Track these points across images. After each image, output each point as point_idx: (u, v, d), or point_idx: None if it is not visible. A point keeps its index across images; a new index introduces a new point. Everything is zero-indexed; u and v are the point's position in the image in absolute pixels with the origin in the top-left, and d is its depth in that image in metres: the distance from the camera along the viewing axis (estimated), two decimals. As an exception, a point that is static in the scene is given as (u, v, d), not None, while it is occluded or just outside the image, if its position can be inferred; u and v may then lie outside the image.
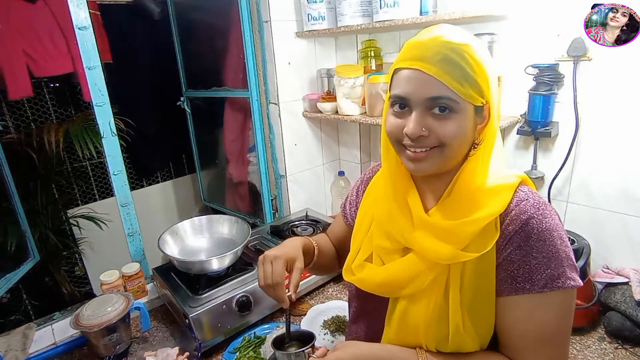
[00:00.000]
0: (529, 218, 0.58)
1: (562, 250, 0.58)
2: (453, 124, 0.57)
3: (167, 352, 1.02)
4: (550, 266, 0.57)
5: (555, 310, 0.59)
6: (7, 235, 1.65)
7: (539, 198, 0.61)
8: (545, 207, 0.60)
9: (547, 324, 0.59)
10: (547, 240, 0.58)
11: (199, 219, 1.42)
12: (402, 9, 1.25)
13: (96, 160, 2.58)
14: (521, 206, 0.59)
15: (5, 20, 1.84)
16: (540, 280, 0.57)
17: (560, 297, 0.58)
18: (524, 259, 0.58)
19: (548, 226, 0.58)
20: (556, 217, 0.60)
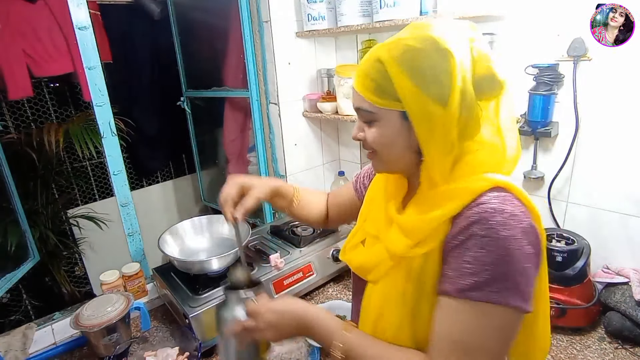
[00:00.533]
0: (473, 222, 0.56)
1: (503, 265, 0.54)
2: (375, 132, 0.64)
3: (167, 352, 1.02)
4: (482, 275, 0.54)
5: (473, 322, 0.55)
6: (7, 235, 1.65)
7: (500, 205, 0.55)
8: (501, 215, 0.55)
9: (465, 334, 0.56)
10: (487, 248, 0.54)
11: (199, 219, 1.42)
12: (402, 9, 1.25)
13: (96, 160, 2.58)
14: (473, 210, 0.57)
15: (5, 20, 1.84)
16: (465, 286, 0.55)
17: (487, 311, 0.55)
18: (457, 261, 0.57)
19: (492, 234, 0.54)
20: (516, 229, 0.54)
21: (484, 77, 0.59)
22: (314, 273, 1.31)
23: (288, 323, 0.69)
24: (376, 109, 0.62)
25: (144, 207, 2.55)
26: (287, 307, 0.70)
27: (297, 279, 1.27)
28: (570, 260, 1.10)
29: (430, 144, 0.60)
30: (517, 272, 0.54)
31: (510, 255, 0.54)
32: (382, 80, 0.59)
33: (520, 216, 0.56)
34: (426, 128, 0.59)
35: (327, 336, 0.66)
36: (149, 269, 1.41)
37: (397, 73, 0.58)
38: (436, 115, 0.57)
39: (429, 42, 0.58)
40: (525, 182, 1.32)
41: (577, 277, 1.09)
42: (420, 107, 0.58)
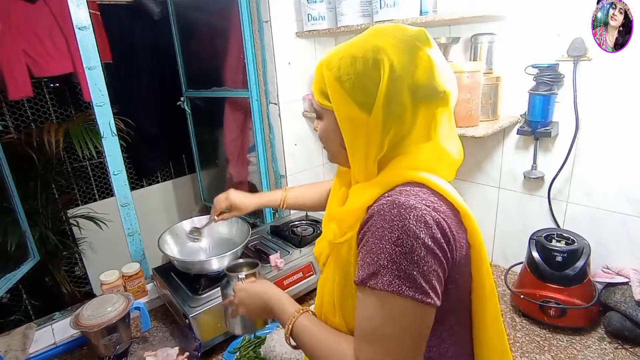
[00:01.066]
0: (374, 213, 0.59)
1: (391, 253, 0.55)
2: (320, 126, 0.71)
3: (167, 352, 1.02)
4: (376, 264, 0.56)
5: (375, 310, 0.57)
6: (7, 235, 1.65)
7: (401, 198, 0.57)
8: (398, 207, 0.56)
9: (368, 320, 0.59)
10: (378, 239, 0.56)
11: (199, 219, 1.42)
12: (402, 9, 1.25)
13: (96, 160, 2.58)
14: (377, 203, 0.60)
15: (5, 20, 1.84)
16: (364, 275, 0.58)
17: (377, 297, 0.56)
18: (363, 251, 0.59)
19: (385, 225, 0.56)
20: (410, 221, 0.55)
21: (424, 85, 0.60)
22: (314, 273, 1.31)
23: (255, 303, 0.80)
24: (318, 107, 0.68)
25: (144, 207, 2.56)
26: (256, 289, 0.81)
27: (297, 279, 1.27)
28: (570, 260, 1.10)
29: (353, 146, 0.64)
30: (410, 263, 0.55)
31: (401, 245, 0.55)
32: (322, 82, 0.65)
33: (421, 208, 0.56)
34: (350, 131, 0.63)
35: (283, 318, 0.73)
36: (149, 269, 1.41)
37: (330, 78, 0.63)
38: (360, 120, 0.61)
39: (366, 50, 0.60)
40: (525, 182, 1.32)
41: (577, 277, 1.09)
42: (345, 111, 0.62)
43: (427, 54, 0.60)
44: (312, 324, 0.69)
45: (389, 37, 0.61)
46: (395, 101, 0.59)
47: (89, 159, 2.54)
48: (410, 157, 0.63)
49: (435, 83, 0.60)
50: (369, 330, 0.58)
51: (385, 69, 0.58)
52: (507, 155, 1.34)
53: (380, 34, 0.62)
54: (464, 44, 1.34)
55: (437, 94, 0.61)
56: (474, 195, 1.46)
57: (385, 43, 0.60)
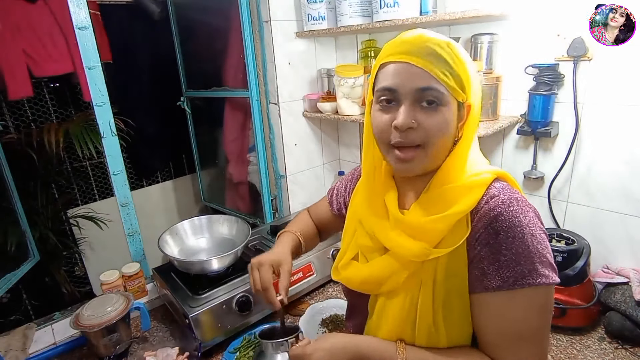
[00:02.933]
0: (498, 215, 0.58)
1: (533, 247, 0.57)
2: (440, 117, 0.59)
3: (167, 352, 1.02)
4: (520, 263, 0.56)
5: (527, 307, 0.58)
6: (7, 235, 1.65)
7: (511, 194, 0.60)
8: (517, 203, 0.58)
9: (520, 321, 0.58)
10: (517, 237, 0.57)
11: (199, 219, 1.42)
12: (402, 9, 1.25)
13: (96, 160, 2.57)
14: (491, 203, 0.59)
15: (5, 20, 1.84)
16: (509, 277, 0.57)
17: (532, 294, 0.57)
18: (493, 255, 0.58)
19: (518, 222, 0.57)
20: (530, 213, 0.59)
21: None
22: (314, 273, 1.31)
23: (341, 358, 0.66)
24: (447, 91, 0.58)
25: (144, 207, 2.55)
26: (335, 342, 0.67)
27: (297, 279, 1.27)
28: (570, 260, 1.10)
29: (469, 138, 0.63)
30: (546, 250, 0.58)
31: (533, 235, 0.57)
32: (452, 62, 0.58)
33: (526, 201, 0.60)
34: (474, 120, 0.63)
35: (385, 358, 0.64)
36: (149, 269, 1.41)
37: (463, 67, 0.59)
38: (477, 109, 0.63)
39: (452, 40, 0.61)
40: (525, 182, 1.32)
41: (577, 277, 1.09)
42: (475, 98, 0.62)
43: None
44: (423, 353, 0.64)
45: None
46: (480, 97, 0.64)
47: (89, 159, 2.54)
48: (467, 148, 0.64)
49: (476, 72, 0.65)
50: (519, 330, 0.58)
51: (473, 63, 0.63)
52: (507, 155, 1.34)
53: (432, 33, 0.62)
54: (464, 44, 1.34)
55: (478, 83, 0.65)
56: (474, 195, 1.46)
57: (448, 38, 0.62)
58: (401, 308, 0.65)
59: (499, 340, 0.60)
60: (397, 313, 0.66)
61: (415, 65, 0.57)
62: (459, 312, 0.62)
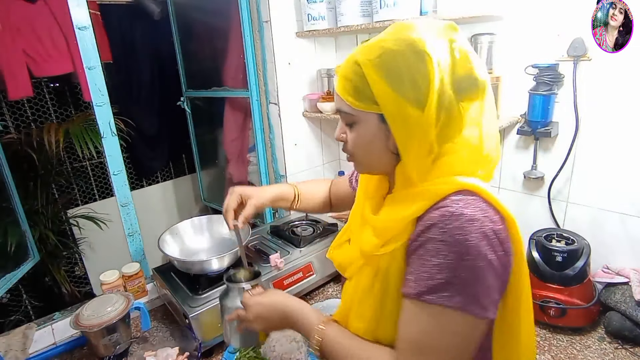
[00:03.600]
0: (432, 225, 0.56)
1: (458, 269, 0.53)
2: (355, 133, 0.65)
3: (167, 352, 1.02)
4: (435, 278, 0.55)
5: (432, 325, 0.56)
6: (7, 235, 1.65)
7: (461, 209, 0.55)
8: (461, 220, 0.54)
9: (422, 334, 0.57)
10: (442, 252, 0.54)
11: (199, 219, 1.42)
12: (402, 9, 1.25)
13: (96, 160, 2.58)
14: (435, 212, 0.57)
15: (5, 20, 1.84)
16: (424, 289, 0.56)
17: (439, 313, 0.55)
18: (416, 264, 0.58)
19: (448, 238, 0.54)
20: (473, 234, 0.53)
21: (464, 78, 0.59)
22: (314, 273, 1.31)
23: (273, 316, 0.75)
24: (355, 112, 0.62)
25: (144, 207, 2.55)
26: (273, 300, 0.76)
27: (297, 279, 1.27)
28: (570, 260, 1.10)
29: (408, 146, 0.60)
30: (473, 278, 0.54)
31: (464, 260, 0.53)
32: (359, 83, 0.60)
33: (482, 220, 0.54)
34: (404, 130, 0.59)
35: (307, 329, 0.70)
36: (149, 269, 1.41)
37: (374, 76, 0.58)
38: (413, 118, 0.57)
39: (406, 44, 0.58)
40: (525, 182, 1.32)
41: (577, 277, 1.09)
42: (397, 110, 0.58)
43: (461, 45, 0.60)
44: (343, 336, 0.67)
45: (425, 31, 0.59)
46: (443, 94, 0.57)
47: (89, 159, 2.54)
48: (453, 158, 0.61)
49: (474, 74, 0.60)
50: (422, 342, 0.57)
51: (431, 62, 0.56)
52: (507, 155, 1.34)
53: (411, 29, 0.59)
54: (464, 44, 1.34)
55: (477, 85, 0.60)
56: (474, 195, 1.46)
57: (422, 36, 0.58)
58: (352, 292, 0.71)
59: (404, 345, 0.59)
60: (349, 296, 0.72)
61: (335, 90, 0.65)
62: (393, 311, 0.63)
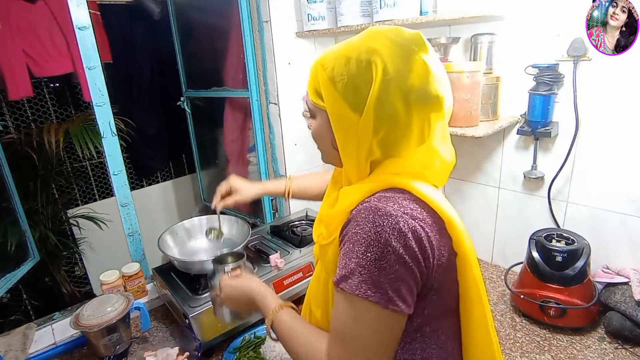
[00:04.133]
0: (351, 219, 0.60)
1: (361, 259, 0.56)
2: (313, 125, 0.71)
3: (167, 352, 1.02)
4: (345, 267, 0.58)
5: (343, 309, 0.60)
6: (7, 235, 1.65)
7: (378, 204, 0.57)
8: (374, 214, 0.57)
9: (337, 319, 0.61)
10: (352, 244, 0.58)
11: (199, 219, 1.42)
12: (402, 9, 1.25)
13: (96, 160, 2.58)
14: (359, 206, 0.60)
15: (5, 20, 1.84)
16: (337, 276, 0.60)
17: (347, 299, 0.58)
18: (340, 254, 0.61)
19: (359, 230, 0.57)
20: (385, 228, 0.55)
21: (419, 89, 0.59)
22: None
23: (241, 298, 0.84)
24: (312, 105, 0.68)
25: (144, 207, 2.55)
26: (242, 284, 0.84)
27: (297, 279, 1.27)
28: (570, 260, 1.10)
29: (345, 146, 0.64)
30: (379, 269, 0.56)
31: (371, 252, 0.56)
32: (315, 80, 0.65)
33: (399, 216, 0.56)
34: (341, 131, 0.63)
35: (265, 312, 0.76)
36: (149, 269, 1.41)
37: (323, 77, 0.63)
38: (351, 121, 0.61)
39: (360, 51, 0.60)
40: (525, 182, 1.32)
41: (577, 277, 1.09)
42: (337, 112, 0.62)
43: (422, 58, 0.60)
44: (291, 319, 0.72)
45: (385, 40, 0.60)
46: (386, 103, 0.58)
47: (89, 159, 2.54)
48: (400, 160, 0.63)
49: (429, 87, 0.60)
50: (341, 329, 0.61)
51: (378, 71, 0.58)
52: (507, 155, 1.34)
53: (375, 36, 0.61)
54: (464, 44, 1.34)
55: (431, 99, 0.60)
56: (474, 196, 1.46)
57: (380, 45, 0.59)
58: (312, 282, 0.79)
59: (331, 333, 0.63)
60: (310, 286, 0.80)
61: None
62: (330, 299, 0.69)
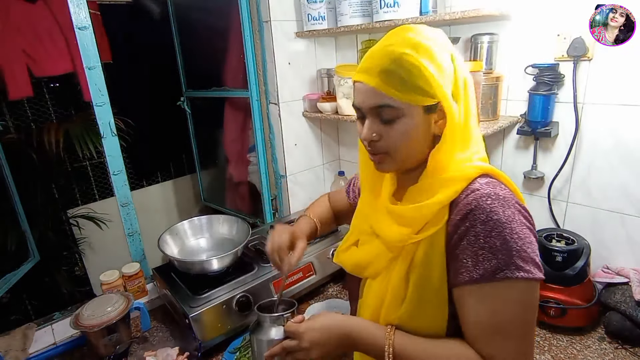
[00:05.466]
0: (474, 209, 0.59)
1: (511, 241, 0.57)
2: (400, 128, 0.63)
3: (167, 352, 1.02)
4: (497, 257, 0.57)
5: (505, 300, 0.58)
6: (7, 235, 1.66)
7: (492, 189, 0.60)
8: (496, 198, 0.59)
9: (498, 313, 0.59)
10: (494, 232, 0.58)
11: (199, 219, 1.42)
12: (402, 9, 1.25)
13: (96, 160, 2.58)
14: (469, 197, 0.60)
15: (5, 20, 1.84)
16: (487, 270, 0.58)
17: (510, 287, 0.58)
18: (471, 248, 0.59)
19: (495, 216, 0.58)
20: (511, 208, 0.59)
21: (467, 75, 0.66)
22: (314, 273, 1.31)
23: (333, 339, 0.68)
24: (402, 105, 0.62)
25: (144, 207, 2.55)
26: (329, 322, 0.69)
27: (297, 279, 1.27)
28: (570, 260, 1.10)
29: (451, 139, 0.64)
30: (526, 245, 0.58)
31: (514, 232, 0.58)
32: (406, 75, 0.60)
33: (510, 198, 0.61)
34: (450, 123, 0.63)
35: (375, 345, 0.66)
36: (149, 269, 1.41)
37: (424, 67, 0.60)
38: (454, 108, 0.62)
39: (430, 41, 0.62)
40: (525, 182, 1.32)
41: (577, 277, 1.09)
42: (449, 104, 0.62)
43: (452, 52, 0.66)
44: (411, 341, 0.65)
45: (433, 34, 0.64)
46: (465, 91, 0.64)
47: (89, 159, 2.54)
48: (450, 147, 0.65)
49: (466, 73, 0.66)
50: (495, 322, 0.59)
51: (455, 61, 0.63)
52: (507, 155, 1.34)
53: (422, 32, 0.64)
54: (464, 44, 1.34)
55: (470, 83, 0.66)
56: (474, 195, 1.46)
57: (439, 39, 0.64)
58: (379, 290, 0.70)
59: (477, 332, 0.60)
60: (377, 293, 0.70)
61: (369, 85, 0.63)
62: (432, 303, 0.64)
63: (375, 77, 0.62)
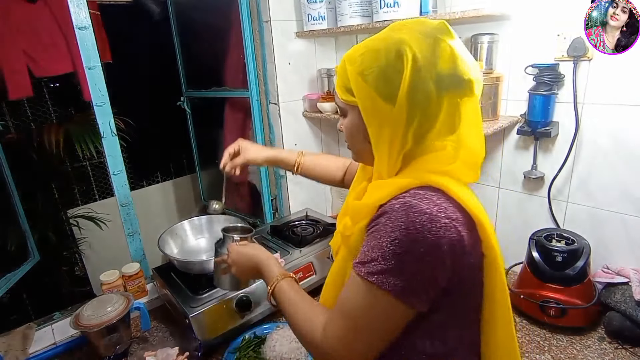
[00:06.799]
0: (384, 212, 0.60)
1: (385, 250, 0.57)
2: (345, 125, 0.71)
3: (167, 352, 1.02)
4: (367, 254, 0.60)
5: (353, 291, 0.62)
6: (7, 235, 1.65)
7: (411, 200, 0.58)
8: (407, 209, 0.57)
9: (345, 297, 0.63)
10: (380, 235, 0.59)
11: (199, 219, 1.42)
12: (402, 9, 1.25)
13: (96, 161, 2.57)
14: (389, 203, 0.61)
15: (5, 20, 1.84)
16: (357, 260, 0.62)
17: (361, 283, 0.60)
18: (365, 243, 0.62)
19: (389, 225, 0.58)
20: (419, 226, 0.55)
21: (449, 75, 0.60)
22: (314, 273, 1.31)
23: (246, 264, 0.87)
24: (342, 104, 0.69)
25: (144, 207, 2.55)
26: (248, 251, 0.87)
27: (298, 279, 1.27)
28: (570, 260, 1.10)
29: (378, 139, 0.64)
30: (401, 263, 0.56)
31: (396, 246, 0.56)
32: (344, 77, 0.65)
33: (433, 214, 0.57)
34: (375, 124, 0.63)
35: (268, 279, 0.79)
36: (149, 269, 1.41)
37: (352, 72, 0.63)
38: (384, 112, 0.61)
39: (387, 43, 0.62)
40: (525, 182, 1.32)
41: (577, 277, 1.09)
42: (369, 104, 0.62)
43: (449, 45, 0.61)
44: (293, 289, 0.75)
45: (411, 30, 0.62)
46: (419, 91, 0.59)
47: (89, 159, 2.54)
48: (432, 156, 0.65)
49: (458, 72, 0.61)
50: (346, 306, 0.63)
51: (408, 59, 0.58)
52: (507, 155, 1.34)
53: (401, 28, 0.63)
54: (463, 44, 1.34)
55: (462, 83, 0.61)
56: (474, 195, 1.46)
57: (407, 35, 0.61)
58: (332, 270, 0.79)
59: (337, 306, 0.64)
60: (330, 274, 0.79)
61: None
62: None
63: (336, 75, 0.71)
